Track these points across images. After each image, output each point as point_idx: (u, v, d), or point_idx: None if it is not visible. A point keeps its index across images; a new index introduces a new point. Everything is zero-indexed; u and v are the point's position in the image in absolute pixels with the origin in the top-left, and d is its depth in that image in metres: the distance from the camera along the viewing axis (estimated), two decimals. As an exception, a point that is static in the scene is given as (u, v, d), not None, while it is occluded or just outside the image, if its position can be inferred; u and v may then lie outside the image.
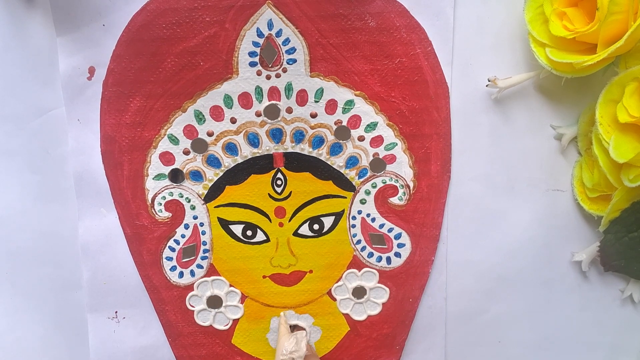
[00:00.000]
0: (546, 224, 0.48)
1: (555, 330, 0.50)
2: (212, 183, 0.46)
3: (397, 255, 0.48)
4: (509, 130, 0.46)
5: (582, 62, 0.40)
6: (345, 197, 0.47)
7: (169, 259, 0.47)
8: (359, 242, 0.47)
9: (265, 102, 0.45)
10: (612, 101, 0.41)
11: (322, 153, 0.46)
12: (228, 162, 0.46)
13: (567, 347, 0.50)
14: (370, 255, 0.48)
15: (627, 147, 0.41)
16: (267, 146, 0.45)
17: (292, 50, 0.44)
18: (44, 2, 0.43)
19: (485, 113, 0.46)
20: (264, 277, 0.48)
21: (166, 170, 0.46)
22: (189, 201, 0.46)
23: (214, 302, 0.48)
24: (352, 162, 0.46)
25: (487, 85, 0.45)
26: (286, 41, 0.43)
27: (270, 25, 0.43)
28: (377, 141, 0.46)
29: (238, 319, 0.49)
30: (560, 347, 0.50)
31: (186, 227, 0.47)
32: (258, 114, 0.45)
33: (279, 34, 0.43)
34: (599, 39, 0.40)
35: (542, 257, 0.48)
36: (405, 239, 0.47)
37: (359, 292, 0.48)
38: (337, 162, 0.46)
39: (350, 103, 0.45)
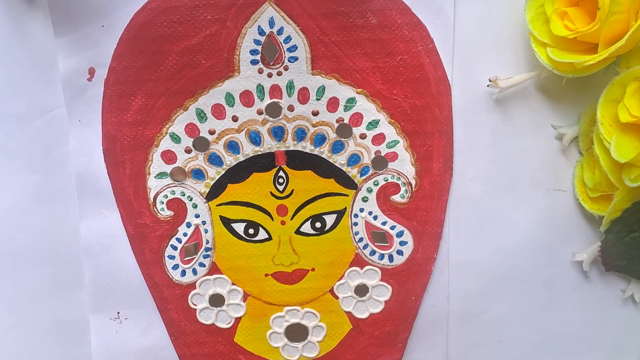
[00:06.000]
0: (547, 223, 0.48)
1: (556, 330, 0.49)
2: (214, 181, 0.46)
3: (400, 253, 0.47)
4: (510, 130, 0.46)
5: (583, 61, 0.40)
6: (347, 195, 0.47)
7: (171, 257, 0.47)
8: (361, 240, 0.47)
9: (267, 100, 0.45)
10: (613, 101, 0.41)
11: (323, 151, 0.46)
12: (230, 160, 0.46)
13: (568, 347, 0.50)
14: (373, 253, 0.48)
15: (628, 147, 0.41)
16: (269, 144, 0.45)
17: (294, 48, 0.44)
18: (44, 2, 0.43)
19: (486, 113, 0.46)
20: (266, 275, 0.48)
21: (168, 168, 0.46)
22: (191, 199, 0.46)
23: (216, 300, 0.48)
24: (354, 160, 0.46)
25: (488, 86, 0.45)
26: (287, 39, 0.43)
27: (271, 23, 0.43)
28: (378, 139, 0.46)
29: (240, 317, 0.49)
30: (561, 347, 0.50)
31: (188, 225, 0.47)
32: (259, 112, 0.45)
33: (280, 31, 0.43)
34: (600, 39, 0.40)
35: (543, 256, 0.48)
36: (407, 236, 0.47)
37: (361, 290, 0.48)
38: (339, 160, 0.46)
39: (351, 101, 0.45)
